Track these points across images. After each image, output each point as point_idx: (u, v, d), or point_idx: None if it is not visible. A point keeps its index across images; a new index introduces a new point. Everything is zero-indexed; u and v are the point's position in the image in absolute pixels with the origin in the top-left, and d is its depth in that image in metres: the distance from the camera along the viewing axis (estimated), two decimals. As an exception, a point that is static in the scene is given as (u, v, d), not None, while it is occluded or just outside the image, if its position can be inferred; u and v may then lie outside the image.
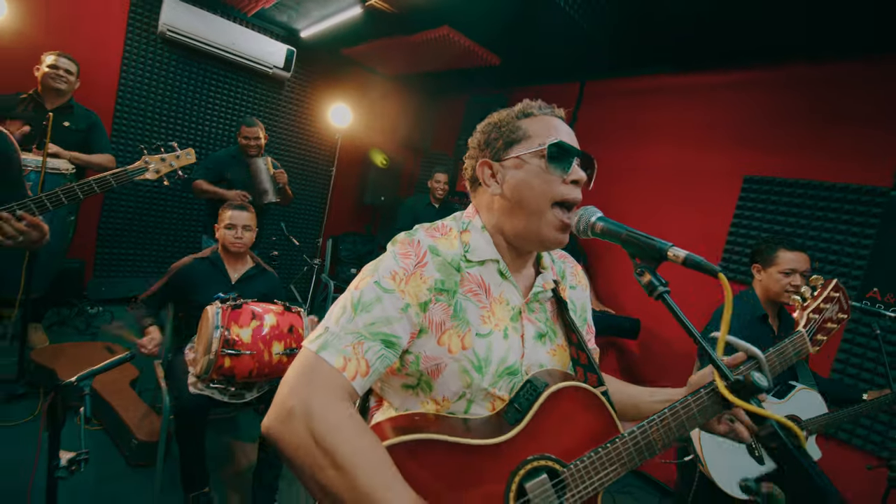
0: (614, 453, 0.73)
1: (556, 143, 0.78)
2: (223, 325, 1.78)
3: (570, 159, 0.79)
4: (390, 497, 0.59)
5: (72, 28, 3.32)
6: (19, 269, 2.40)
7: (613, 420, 0.78)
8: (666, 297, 0.67)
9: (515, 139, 0.81)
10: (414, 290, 0.73)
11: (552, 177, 0.78)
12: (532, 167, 0.79)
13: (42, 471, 1.24)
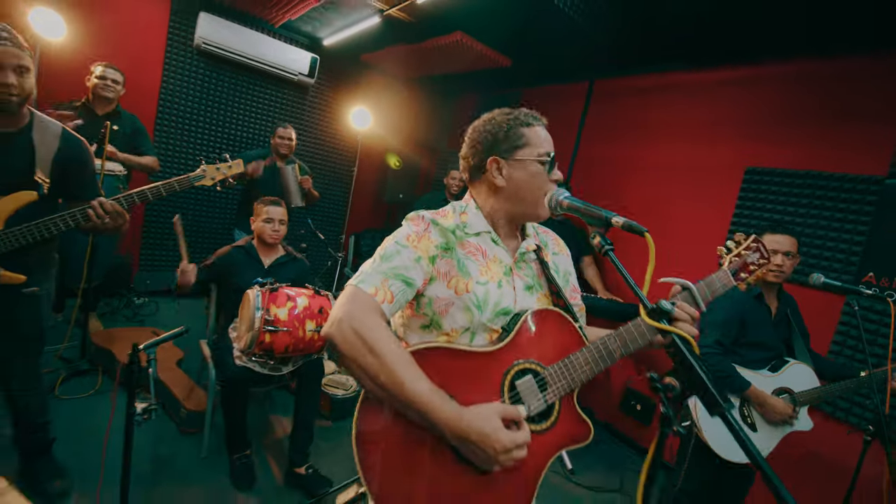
0: (582, 359, 0.94)
1: (550, 155, 1.00)
2: (263, 306, 2.02)
3: (554, 165, 1.01)
4: (411, 375, 0.81)
5: (118, 42, 3.65)
6: (82, 262, 2.71)
7: (581, 337, 1.01)
8: (610, 254, 0.87)
9: (519, 145, 1.02)
10: (424, 247, 0.96)
11: (544, 177, 1.00)
12: (531, 170, 1.01)
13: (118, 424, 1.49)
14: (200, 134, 4.18)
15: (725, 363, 1.86)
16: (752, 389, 1.84)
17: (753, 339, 1.94)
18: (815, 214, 2.55)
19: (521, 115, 1.05)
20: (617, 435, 3.39)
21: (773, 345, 1.96)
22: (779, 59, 2.79)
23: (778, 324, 1.99)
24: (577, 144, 3.98)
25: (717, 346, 1.88)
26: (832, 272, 2.46)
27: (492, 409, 0.84)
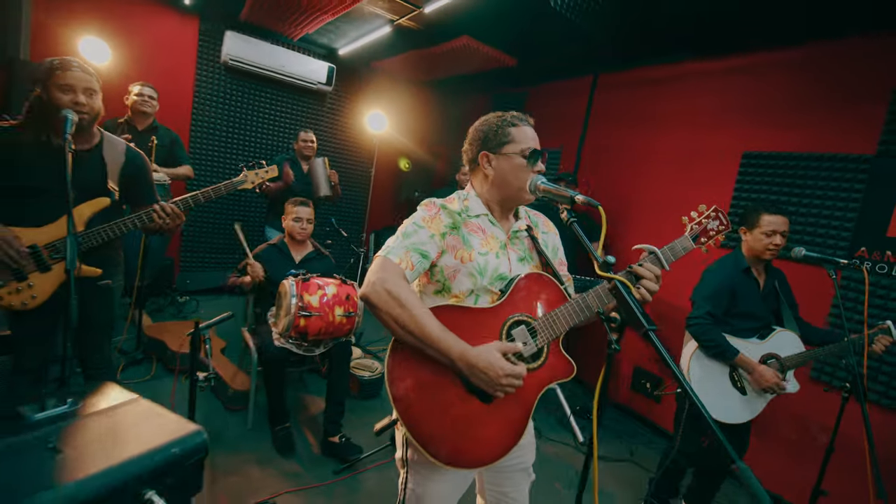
0: (565, 311, 1.15)
1: (532, 150, 1.19)
2: (298, 293, 2.28)
3: (538, 157, 1.21)
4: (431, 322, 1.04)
5: (153, 62, 3.99)
6: (136, 263, 3.03)
7: (564, 295, 1.21)
8: (574, 225, 1.06)
9: (505, 141, 1.22)
10: (436, 226, 1.18)
11: (526, 168, 1.20)
12: (515, 162, 1.20)
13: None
14: (230, 142, 4.51)
15: (715, 333, 2.03)
16: (740, 357, 2.01)
17: (743, 309, 2.10)
18: (809, 194, 2.68)
19: (509, 117, 1.26)
20: (628, 413, 3.57)
21: (762, 315, 2.11)
22: (771, 48, 2.90)
23: (766, 296, 2.14)
24: (583, 136, 4.14)
25: (708, 316, 2.05)
26: (827, 248, 2.59)
27: (494, 345, 1.07)
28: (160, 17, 4.08)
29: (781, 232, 2.03)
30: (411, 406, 1.08)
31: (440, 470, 1.15)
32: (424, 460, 1.13)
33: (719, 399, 2.07)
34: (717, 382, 2.08)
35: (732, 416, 2.05)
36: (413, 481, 1.20)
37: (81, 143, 1.76)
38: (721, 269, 2.14)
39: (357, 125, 5.17)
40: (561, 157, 4.35)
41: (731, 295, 2.09)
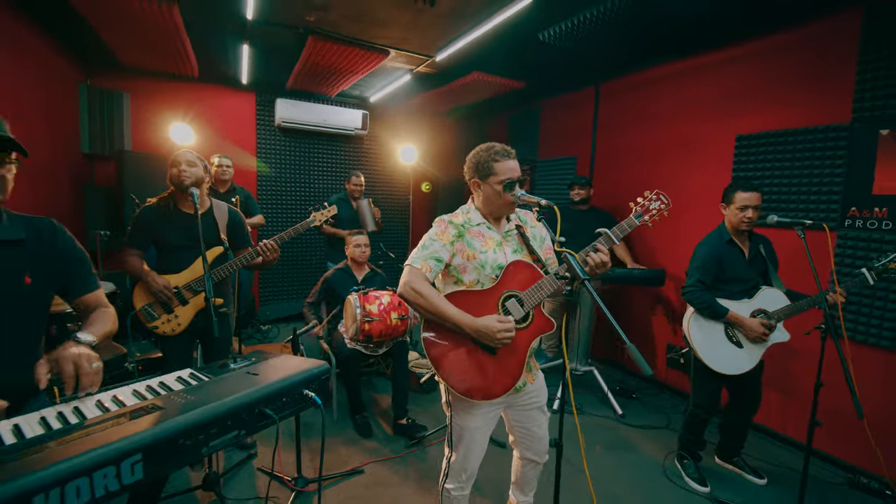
0: (541, 284, 1.59)
1: (508, 182, 1.66)
2: (360, 304, 2.87)
3: (513, 186, 1.66)
4: (445, 305, 1.53)
5: (224, 134, 4.88)
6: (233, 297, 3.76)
7: (542, 274, 1.64)
8: (543, 221, 1.53)
9: (490, 174, 1.70)
10: (446, 237, 1.66)
11: (506, 195, 1.66)
12: (496, 189, 1.68)
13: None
14: (288, 191, 5.33)
15: (706, 296, 2.38)
16: (730, 314, 2.34)
17: (731, 275, 2.43)
18: (799, 166, 2.94)
19: (493, 153, 1.73)
20: (666, 388, 3.83)
21: (749, 277, 2.42)
22: (747, 40, 3.20)
23: (752, 261, 2.45)
24: (593, 142, 4.54)
25: (699, 283, 2.40)
26: (820, 213, 2.83)
27: (491, 317, 1.54)
28: (225, 97, 4.98)
29: (753, 206, 2.35)
30: (440, 361, 1.58)
31: (471, 406, 1.64)
32: (457, 399, 1.63)
33: (720, 354, 2.39)
34: (715, 340, 2.41)
35: (734, 367, 2.37)
36: (455, 417, 1.69)
37: (201, 208, 2.44)
38: (707, 242, 2.49)
39: (392, 159, 5.85)
40: (577, 164, 4.75)
41: (717, 264, 2.42)
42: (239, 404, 1.01)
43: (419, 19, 3.10)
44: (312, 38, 3.46)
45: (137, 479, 0.81)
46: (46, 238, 1.31)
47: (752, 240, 2.49)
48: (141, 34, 3.43)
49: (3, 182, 1.17)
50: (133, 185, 3.98)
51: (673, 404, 3.61)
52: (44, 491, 0.70)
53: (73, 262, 1.37)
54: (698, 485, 2.51)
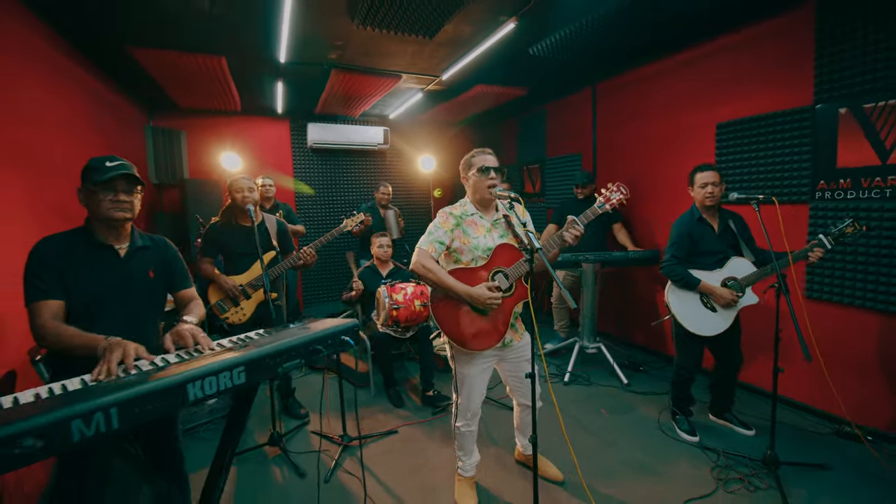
0: (521, 264, 2.03)
1: (482, 166, 2.13)
2: (389, 295, 3.38)
3: (487, 170, 2.12)
4: (448, 278, 2.00)
5: (265, 158, 5.57)
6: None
7: (521, 254, 2.08)
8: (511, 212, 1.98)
9: (471, 166, 2.18)
10: (447, 225, 2.12)
11: (483, 179, 2.13)
12: (475, 176, 2.15)
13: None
14: (322, 203, 5.96)
15: (680, 270, 2.74)
16: (702, 284, 2.69)
17: (703, 249, 2.77)
18: (772, 146, 3.23)
19: (474, 152, 2.20)
20: (671, 360, 4.12)
21: (719, 250, 2.75)
22: (725, 32, 3.48)
23: (722, 235, 2.78)
24: (594, 138, 4.90)
25: (673, 258, 2.77)
26: (793, 188, 3.11)
27: (482, 285, 2.00)
28: (265, 125, 5.69)
29: (712, 182, 2.69)
30: (444, 322, 2.06)
31: (468, 357, 2.11)
32: (458, 352, 2.10)
33: (698, 318, 2.74)
34: (692, 307, 2.76)
35: (711, 329, 2.71)
36: (458, 366, 2.16)
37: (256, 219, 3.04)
38: (680, 222, 2.84)
39: (412, 168, 6.40)
40: (581, 160, 5.13)
41: (689, 239, 2.77)
42: (298, 343, 1.51)
43: (422, 49, 3.61)
44: (335, 71, 4.05)
45: (241, 382, 1.33)
46: (161, 247, 1.88)
47: (722, 216, 2.82)
48: (195, 82, 4.13)
49: (133, 207, 1.73)
50: (194, 207, 4.70)
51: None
52: (193, 381, 1.22)
53: (177, 265, 1.93)
54: (688, 435, 2.85)
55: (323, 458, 2.74)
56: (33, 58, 2.72)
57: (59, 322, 1.53)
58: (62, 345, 1.48)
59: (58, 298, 1.56)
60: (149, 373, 1.27)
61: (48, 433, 0.97)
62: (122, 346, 1.38)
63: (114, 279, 1.65)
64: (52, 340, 1.49)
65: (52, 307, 1.54)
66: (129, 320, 1.66)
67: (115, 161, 1.66)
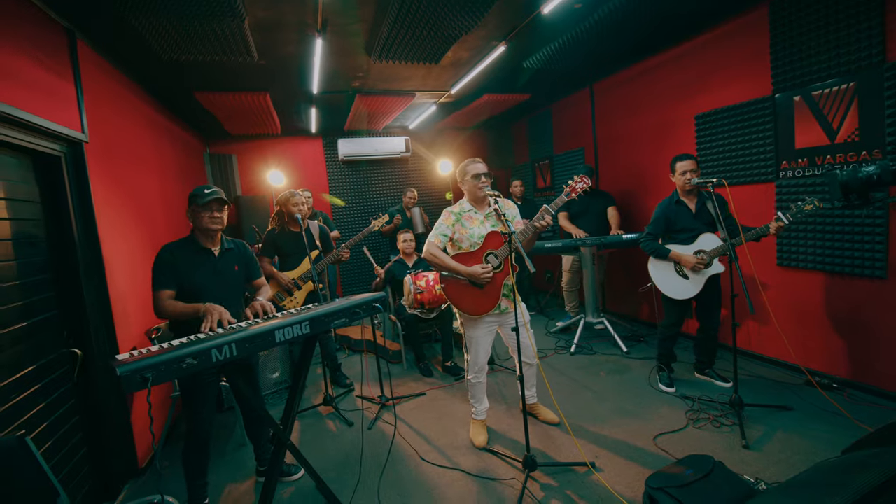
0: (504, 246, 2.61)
1: (475, 174, 2.72)
2: (413, 282, 4.03)
3: (479, 177, 2.71)
4: (452, 262, 2.61)
5: (304, 173, 6.36)
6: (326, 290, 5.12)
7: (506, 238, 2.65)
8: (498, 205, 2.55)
9: (466, 174, 2.77)
10: (449, 221, 2.72)
11: (477, 183, 2.72)
12: (471, 182, 2.74)
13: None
14: (354, 209, 6.70)
15: (653, 244, 3.23)
16: (671, 254, 3.17)
17: (680, 227, 3.23)
18: (740, 134, 3.63)
19: (467, 162, 2.79)
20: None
21: (694, 227, 3.19)
22: (699, 33, 3.90)
23: (698, 214, 3.21)
24: (594, 134, 5.37)
25: (648, 235, 3.26)
26: (762, 169, 3.51)
27: (477, 265, 2.59)
28: (302, 143, 6.49)
29: (691, 170, 3.15)
30: (453, 296, 2.67)
31: (473, 321, 2.70)
32: (466, 318, 2.70)
33: (673, 284, 3.22)
34: (668, 275, 3.25)
35: (684, 294, 3.19)
36: (467, 330, 2.77)
37: (303, 226, 3.75)
38: (660, 205, 3.31)
39: (433, 172, 7.04)
40: (584, 154, 5.59)
41: (666, 220, 3.25)
42: (343, 307, 2.16)
43: (430, 72, 4.23)
44: (358, 96, 4.73)
45: (307, 333, 1.99)
46: (242, 248, 2.58)
47: (700, 197, 3.26)
48: (244, 115, 4.93)
49: (223, 220, 2.43)
50: (248, 219, 5.53)
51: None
52: (277, 330, 1.89)
53: (253, 262, 2.62)
54: (667, 387, 3.34)
55: (365, 413, 3.41)
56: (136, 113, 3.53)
57: (172, 300, 2.24)
58: (176, 313, 2.18)
59: (171, 288, 2.26)
60: (248, 325, 1.96)
61: (199, 356, 1.64)
62: (216, 309, 2.08)
63: (211, 272, 2.36)
64: (170, 311, 2.20)
65: (168, 293, 2.25)
66: (223, 299, 2.37)
67: (210, 188, 2.37)
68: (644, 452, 2.61)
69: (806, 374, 3.26)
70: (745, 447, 2.56)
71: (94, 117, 2.82)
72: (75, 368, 2.54)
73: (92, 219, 2.68)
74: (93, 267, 2.68)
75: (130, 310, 2.97)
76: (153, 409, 3.17)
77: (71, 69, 2.68)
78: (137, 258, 3.15)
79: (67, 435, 2.40)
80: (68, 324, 2.55)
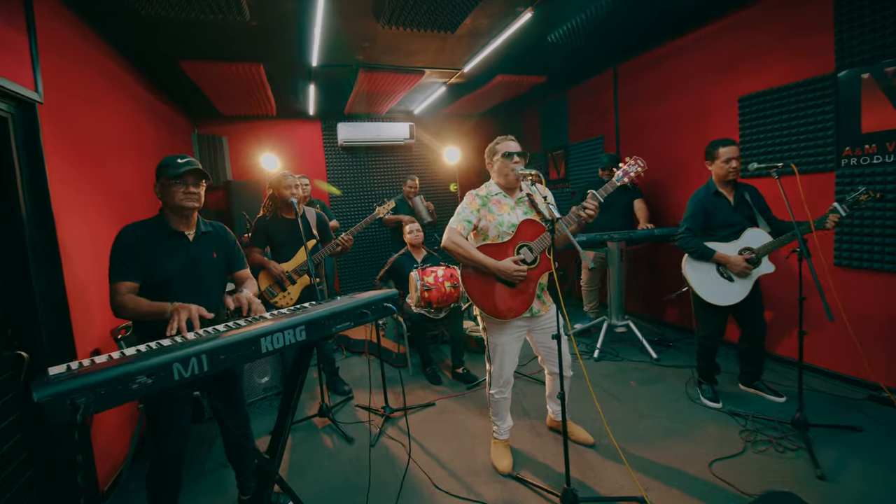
0: (544, 237, 2.19)
1: (506, 152, 2.30)
2: (420, 277, 3.60)
3: (511, 155, 2.29)
4: (476, 254, 2.18)
5: (301, 158, 5.89)
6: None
7: (544, 228, 2.22)
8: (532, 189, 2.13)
9: (496, 152, 2.35)
10: (473, 205, 2.30)
11: (508, 163, 2.30)
12: (500, 161, 2.32)
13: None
14: (354, 198, 6.25)
15: (694, 242, 2.82)
16: (716, 255, 2.76)
17: (719, 222, 2.83)
18: (795, 116, 3.23)
19: (498, 140, 2.38)
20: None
21: (735, 222, 2.80)
22: (744, 6, 3.50)
23: (737, 207, 2.82)
24: (617, 119, 4.95)
25: (687, 231, 2.85)
26: (819, 157, 3.12)
27: (508, 259, 2.17)
28: (299, 127, 6.02)
29: (735, 157, 2.75)
30: (475, 294, 2.24)
31: (499, 326, 2.28)
32: (490, 322, 2.28)
33: (715, 288, 2.82)
34: (708, 277, 2.84)
35: (729, 299, 2.78)
36: (490, 336, 2.34)
37: (299, 213, 3.31)
38: (696, 196, 2.91)
39: (438, 161, 6.60)
40: (604, 143, 5.18)
41: (705, 213, 2.84)
42: (349, 307, 1.72)
43: (444, 44, 3.79)
44: (363, 72, 4.28)
45: (302, 339, 1.55)
46: (222, 233, 2.14)
47: (738, 189, 2.87)
48: (235, 90, 4.46)
49: (200, 197, 1.99)
50: (238, 206, 5.07)
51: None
52: (265, 336, 1.45)
53: (235, 249, 2.17)
54: (712, 402, 2.94)
55: (366, 426, 2.98)
56: (109, 80, 3.06)
57: (133, 295, 1.79)
58: (138, 313, 1.74)
59: (134, 280, 1.81)
60: (228, 329, 1.52)
61: (156, 372, 1.20)
62: (186, 308, 1.65)
63: (185, 259, 1.92)
64: (131, 309, 1.75)
65: (129, 286, 1.80)
66: (199, 293, 1.93)
67: (185, 158, 1.92)
68: (701, 483, 2.21)
69: (871, 390, 2.88)
70: (821, 478, 2.16)
71: (52, 76, 2.35)
72: (21, 375, 2.09)
73: (45, 194, 2.22)
74: (45, 252, 2.22)
75: (93, 304, 2.52)
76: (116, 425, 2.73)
77: (23, 15, 2.22)
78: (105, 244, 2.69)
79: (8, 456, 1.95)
80: (12, 320, 2.09)
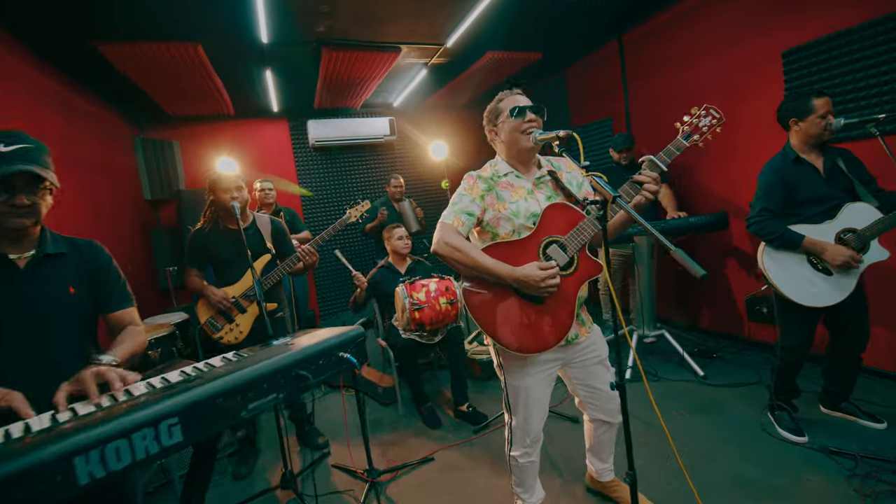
0: (585, 224, 1.48)
1: (514, 108, 1.60)
2: (408, 294, 2.87)
3: (525, 112, 1.58)
4: (481, 257, 1.46)
5: (265, 160, 5.15)
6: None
7: (583, 215, 1.52)
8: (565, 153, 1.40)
9: (499, 114, 1.65)
10: (476, 191, 1.59)
11: (516, 123, 1.59)
12: (507, 123, 1.61)
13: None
14: (330, 204, 5.51)
15: (774, 225, 2.13)
16: (806, 241, 2.07)
17: (805, 197, 2.15)
18: (859, 67, 2.59)
19: (499, 97, 1.68)
20: (751, 344, 3.50)
21: (829, 195, 2.13)
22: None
23: (830, 177, 2.15)
24: (626, 97, 4.30)
25: (764, 212, 2.16)
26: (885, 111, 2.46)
27: (532, 264, 1.45)
28: (261, 127, 5.28)
29: (831, 111, 2.09)
30: (484, 318, 1.52)
31: (521, 363, 1.57)
32: (509, 359, 1.56)
33: (804, 285, 2.13)
34: (796, 271, 2.15)
35: (824, 299, 2.09)
36: (509, 378, 1.62)
37: (243, 222, 2.56)
38: (769, 168, 2.23)
39: (424, 158, 5.89)
40: (612, 125, 4.52)
41: (784, 187, 2.16)
42: (273, 369, 1.02)
43: (422, 6, 3.10)
44: (326, 50, 3.57)
45: (177, 442, 0.83)
46: (86, 254, 1.39)
47: (827, 153, 2.19)
48: (176, 80, 3.72)
49: (37, 208, 1.26)
50: (192, 220, 4.27)
51: (763, 359, 3.26)
52: (78, 454, 0.72)
53: (110, 277, 1.43)
54: (794, 435, 2.24)
55: (344, 499, 2.23)
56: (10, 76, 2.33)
57: None
58: None
59: None
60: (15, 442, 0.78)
61: None
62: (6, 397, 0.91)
63: (11, 300, 1.18)
64: None
65: None
66: (40, 351, 1.19)
67: (12, 145, 1.18)
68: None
69: None
70: None
71: None
72: None
73: None
74: None
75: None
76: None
77: None
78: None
79: None
80: None
